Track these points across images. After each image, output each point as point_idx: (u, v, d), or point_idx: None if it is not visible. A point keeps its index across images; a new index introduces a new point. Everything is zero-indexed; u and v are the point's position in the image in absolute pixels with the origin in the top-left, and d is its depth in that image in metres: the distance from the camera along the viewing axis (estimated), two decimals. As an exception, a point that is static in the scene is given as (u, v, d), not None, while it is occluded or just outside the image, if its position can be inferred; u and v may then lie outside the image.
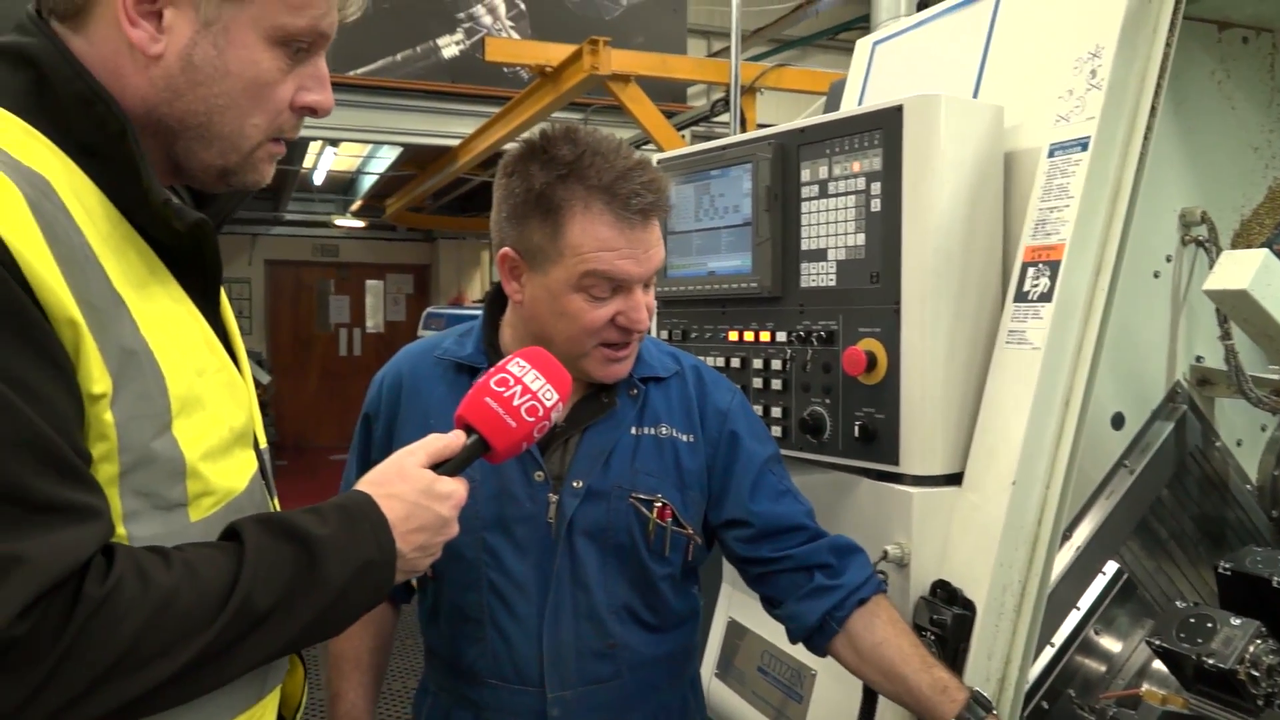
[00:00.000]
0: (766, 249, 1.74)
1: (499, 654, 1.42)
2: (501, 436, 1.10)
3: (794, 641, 1.49)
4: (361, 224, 11.73)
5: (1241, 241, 1.81)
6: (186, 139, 0.94)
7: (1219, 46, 1.78)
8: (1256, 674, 1.40)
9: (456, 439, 1.09)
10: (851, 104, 2.09)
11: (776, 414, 1.76)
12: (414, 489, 1.02)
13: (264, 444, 1.09)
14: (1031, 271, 1.45)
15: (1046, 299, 1.41)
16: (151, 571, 0.82)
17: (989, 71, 1.72)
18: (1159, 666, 1.63)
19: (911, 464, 1.53)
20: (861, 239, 1.58)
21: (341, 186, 11.09)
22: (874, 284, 1.56)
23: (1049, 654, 1.65)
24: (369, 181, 10.10)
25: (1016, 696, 1.44)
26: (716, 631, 2.07)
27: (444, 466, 1.07)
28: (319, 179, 10.13)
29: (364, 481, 1.04)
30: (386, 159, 8.83)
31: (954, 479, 1.51)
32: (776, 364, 1.75)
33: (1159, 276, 1.73)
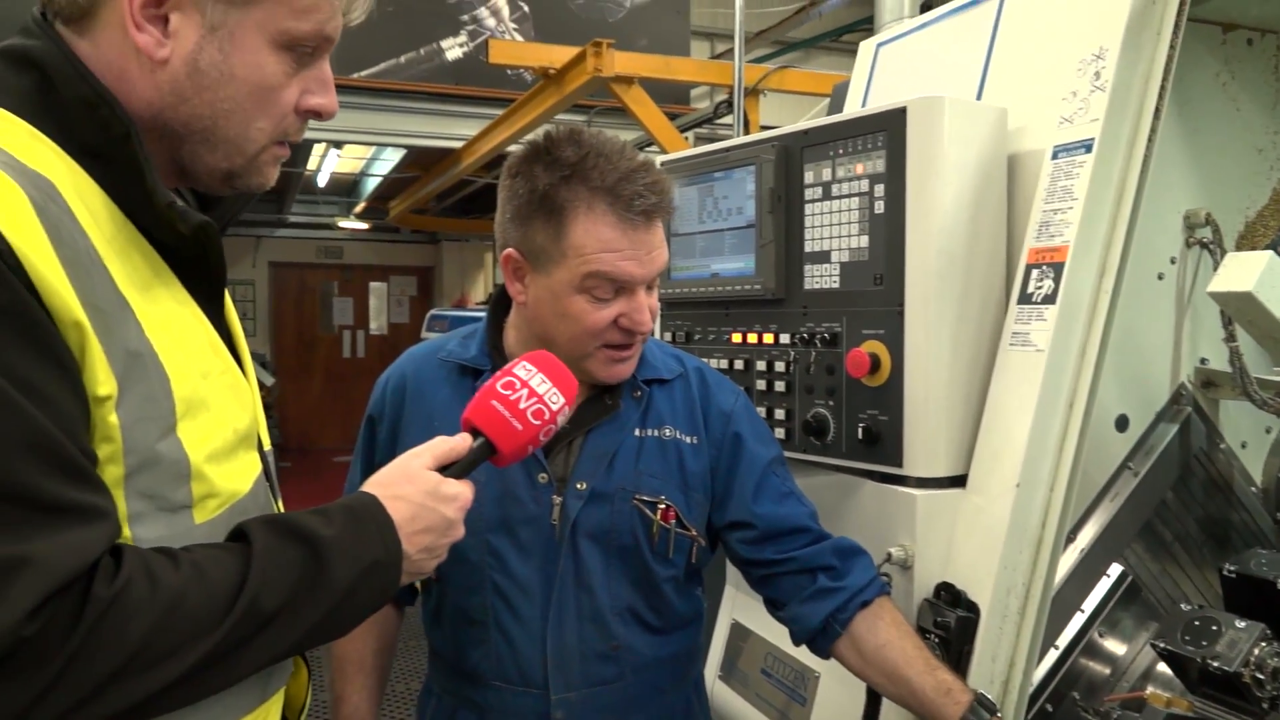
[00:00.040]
0: (770, 251, 1.73)
1: (503, 656, 1.42)
2: (508, 440, 1.11)
3: (797, 644, 1.49)
4: (365, 226, 11.75)
5: (1246, 243, 1.80)
6: (192, 143, 0.94)
7: (1223, 48, 1.77)
8: (1261, 677, 1.40)
9: (463, 442, 1.09)
10: (855, 106, 2.09)
11: (780, 416, 1.76)
12: (420, 490, 1.03)
13: (268, 446, 1.09)
14: (1035, 273, 1.45)
15: (1050, 301, 1.41)
16: (160, 572, 0.82)
17: (993, 73, 1.72)
18: (1163, 669, 1.62)
19: (915, 466, 1.52)
20: (865, 241, 1.58)
21: (345, 188, 11.11)
22: (878, 286, 1.56)
23: (1053, 656, 1.65)
24: (373, 183, 10.12)
25: (1020, 699, 1.43)
26: (720, 633, 2.06)
27: (450, 469, 1.07)
28: (323, 181, 10.15)
29: (370, 483, 1.04)
30: (390, 161, 8.84)
31: (958, 481, 1.51)
32: (780, 366, 1.75)
33: (1163, 278, 1.73)
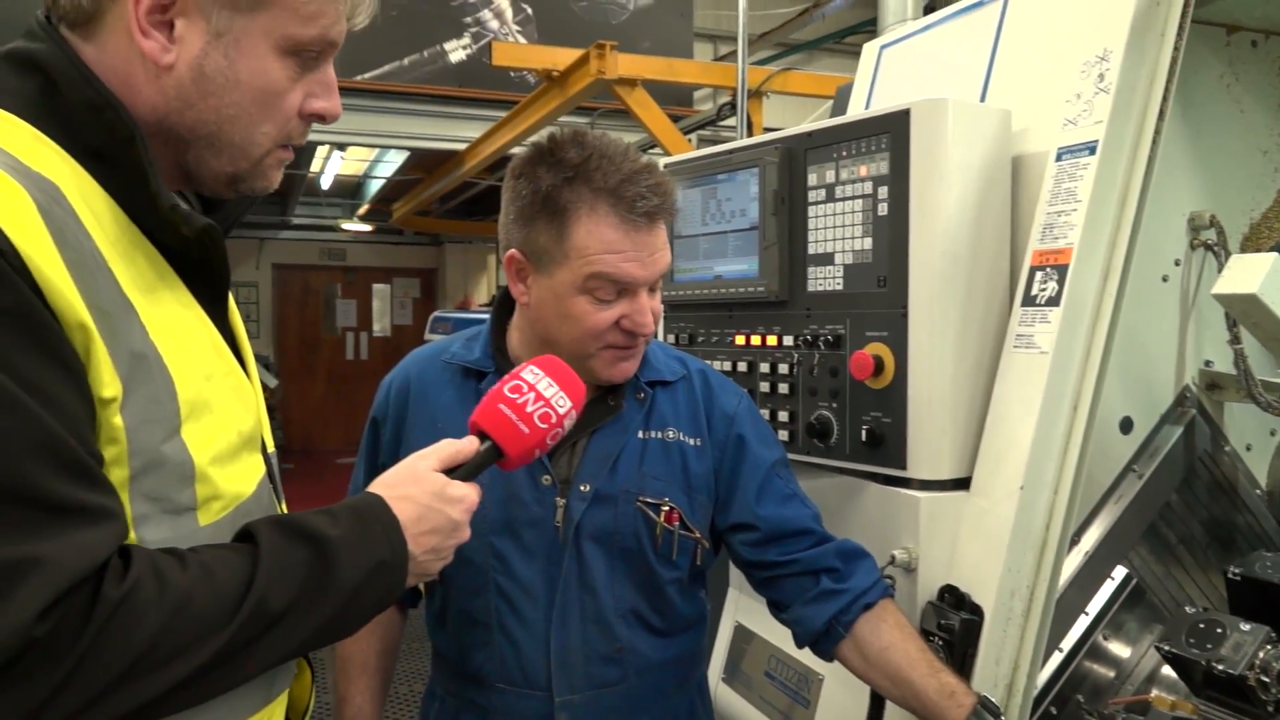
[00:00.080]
0: (773, 253, 1.73)
1: (506, 658, 1.42)
2: (515, 443, 1.11)
3: (800, 646, 1.49)
4: (368, 228, 11.76)
5: (1250, 245, 1.80)
6: (197, 148, 0.94)
7: (1227, 50, 1.77)
8: (1266, 679, 1.39)
9: (470, 444, 1.10)
10: (858, 108, 2.09)
11: (783, 418, 1.75)
12: (426, 491, 1.03)
13: (271, 448, 1.09)
14: (1039, 275, 1.44)
15: (1054, 303, 1.41)
16: (168, 573, 0.82)
17: (996, 75, 1.71)
18: (1168, 672, 1.62)
19: (919, 468, 1.52)
20: (869, 243, 1.58)
21: (349, 190, 11.11)
22: (881, 288, 1.56)
23: (1057, 659, 1.64)
24: (376, 185, 10.13)
25: (1025, 702, 1.43)
26: (723, 636, 2.06)
27: (457, 472, 1.07)
28: (326, 183, 10.15)
29: (377, 483, 1.04)
30: (394, 163, 8.85)
31: (962, 483, 1.51)
32: (783, 368, 1.75)
33: (1167, 280, 1.72)
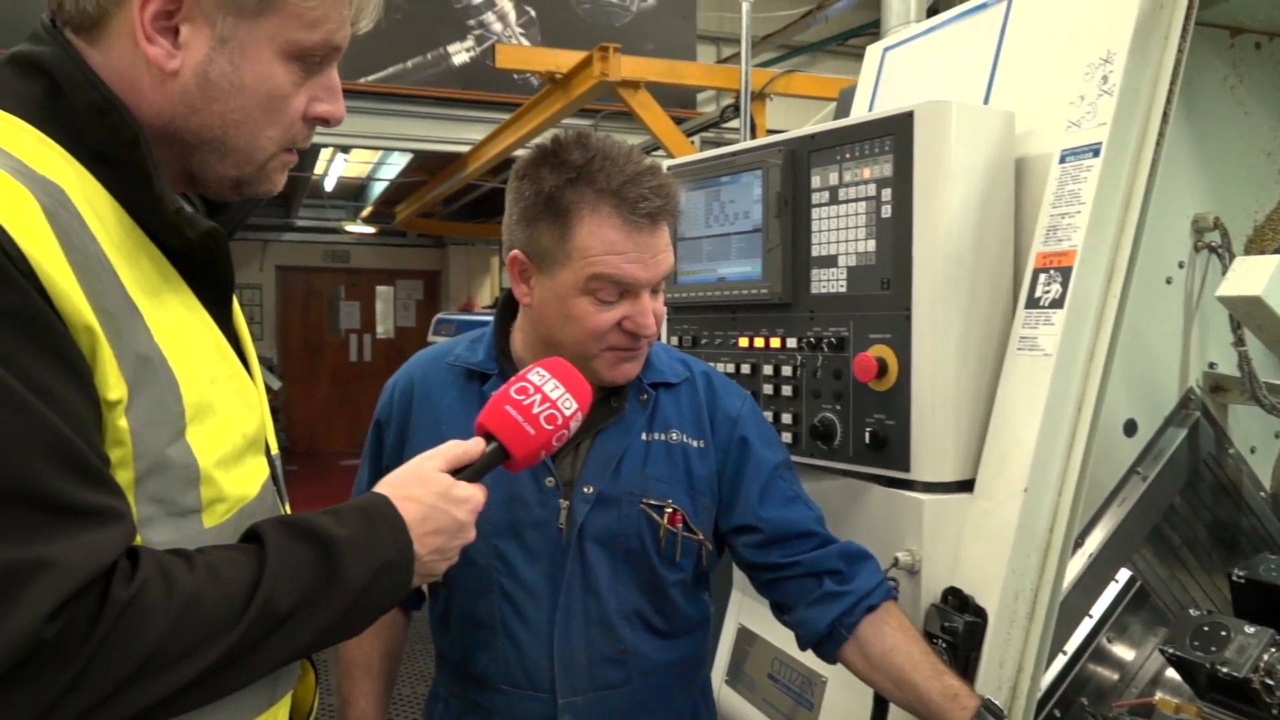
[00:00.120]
0: (777, 255, 1.73)
1: (510, 660, 1.42)
2: (520, 444, 1.11)
3: (803, 648, 1.49)
4: (372, 230, 11.77)
5: (1255, 247, 1.80)
6: (202, 152, 0.95)
7: (1231, 52, 1.77)
8: (1271, 683, 1.39)
9: (475, 445, 1.10)
10: (862, 110, 2.09)
11: (787, 420, 1.75)
12: (431, 492, 1.03)
13: (275, 450, 1.09)
14: (1043, 278, 1.44)
15: (1058, 305, 1.41)
16: (175, 574, 0.83)
17: (1000, 77, 1.71)
18: (1172, 675, 1.61)
19: (922, 470, 1.52)
20: (872, 245, 1.58)
21: (352, 193, 11.13)
22: (885, 290, 1.56)
23: (1061, 662, 1.64)
24: (379, 188, 10.14)
25: (1028, 705, 1.43)
26: (727, 638, 2.06)
27: (463, 473, 1.08)
28: (330, 185, 10.17)
29: (382, 484, 1.05)
30: (397, 165, 8.86)
31: (965, 486, 1.51)
32: (787, 370, 1.75)
33: (1171, 283, 1.72)
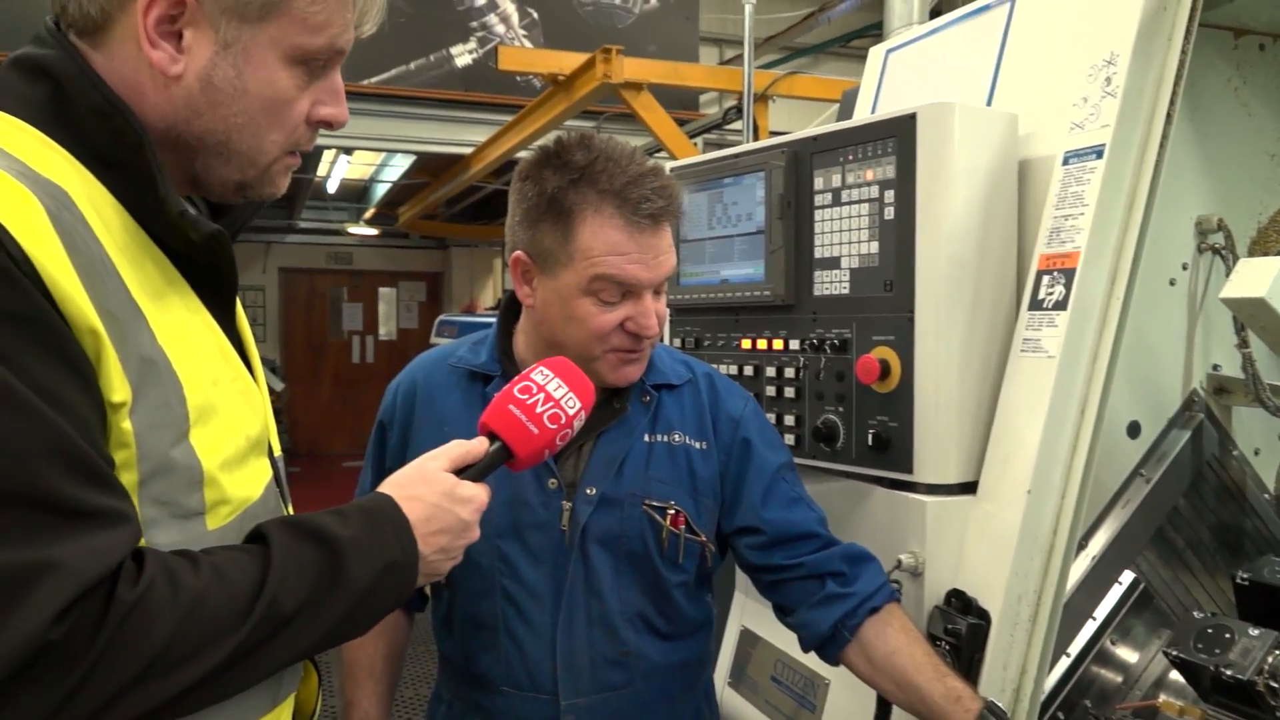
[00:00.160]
0: (780, 257, 1.73)
1: (513, 662, 1.42)
2: (524, 444, 1.11)
3: (806, 650, 1.49)
4: (375, 232, 11.79)
5: (1259, 249, 1.80)
6: (205, 155, 0.95)
7: (1235, 53, 1.77)
8: (1275, 685, 1.39)
9: (479, 445, 1.10)
10: (865, 112, 2.09)
11: (790, 422, 1.75)
12: (436, 491, 1.03)
13: (278, 452, 1.09)
14: (1046, 279, 1.44)
15: (1061, 307, 1.41)
16: (181, 575, 0.83)
17: (1003, 79, 1.71)
18: (1176, 677, 1.61)
19: (925, 472, 1.52)
20: (875, 247, 1.58)
21: (355, 194, 11.14)
22: (887, 292, 1.56)
23: (1065, 664, 1.64)
24: (382, 189, 10.15)
25: (1032, 707, 1.43)
26: (729, 640, 2.06)
27: (467, 472, 1.08)
28: (333, 187, 10.19)
29: (387, 484, 1.05)
30: (400, 167, 8.87)
31: (968, 487, 1.51)
32: (790, 372, 1.75)
33: (1175, 284, 1.72)
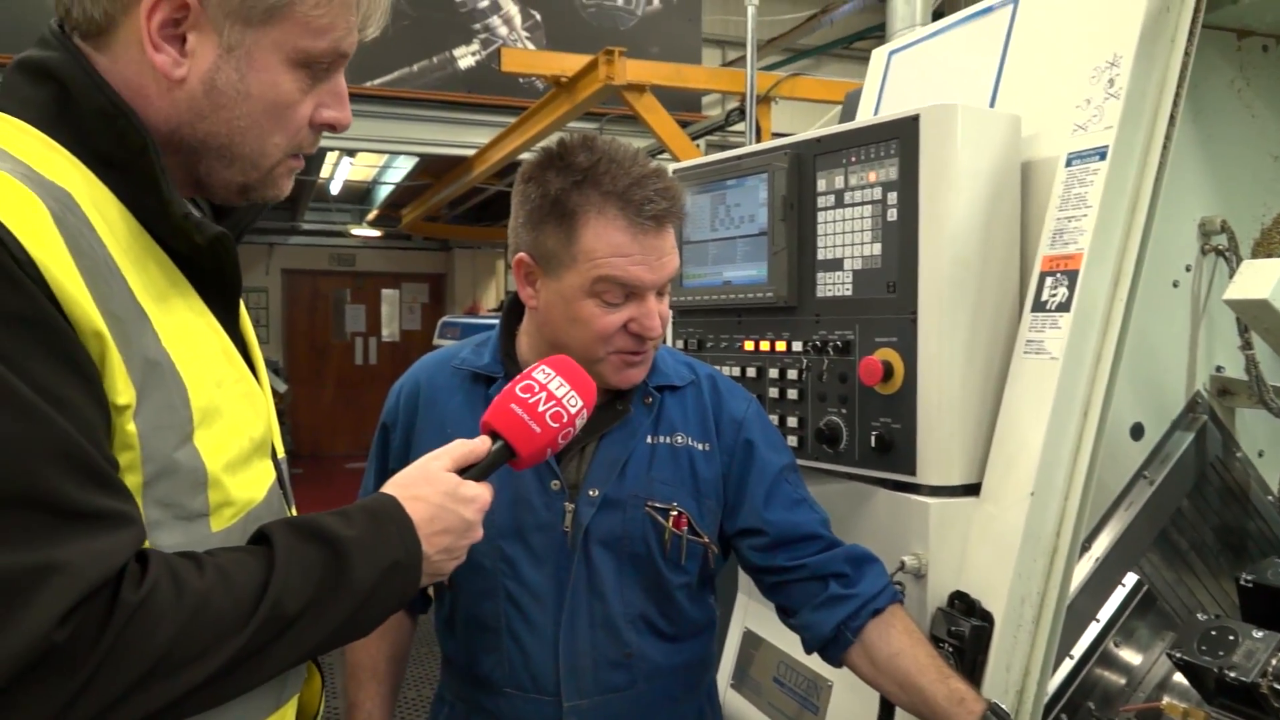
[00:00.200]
0: (782, 259, 1.73)
1: (515, 663, 1.42)
2: (526, 443, 1.11)
3: (809, 651, 1.48)
4: (378, 233, 11.80)
5: (1262, 250, 1.79)
6: (209, 158, 0.95)
7: (1238, 55, 1.77)
8: (1279, 687, 1.39)
9: (482, 444, 1.10)
10: (867, 114, 2.09)
11: (792, 424, 1.75)
12: (439, 492, 1.03)
13: (281, 453, 1.09)
14: (1049, 281, 1.44)
15: (1065, 309, 1.41)
16: (185, 576, 0.83)
17: (1006, 81, 1.71)
18: (1180, 679, 1.61)
19: (928, 474, 1.52)
20: (878, 248, 1.58)
21: (358, 196, 11.16)
22: (890, 293, 1.56)
23: (1068, 666, 1.64)
24: (385, 191, 10.18)
25: (1035, 709, 1.43)
26: (732, 641, 2.06)
27: (469, 472, 1.08)
28: (336, 189, 10.21)
29: (390, 484, 1.05)
30: (403, 169, 8.89)
31: (972, 489, 1.51)
32: (792, 374, 1.75)
33: (1178, 286, 1.72)
